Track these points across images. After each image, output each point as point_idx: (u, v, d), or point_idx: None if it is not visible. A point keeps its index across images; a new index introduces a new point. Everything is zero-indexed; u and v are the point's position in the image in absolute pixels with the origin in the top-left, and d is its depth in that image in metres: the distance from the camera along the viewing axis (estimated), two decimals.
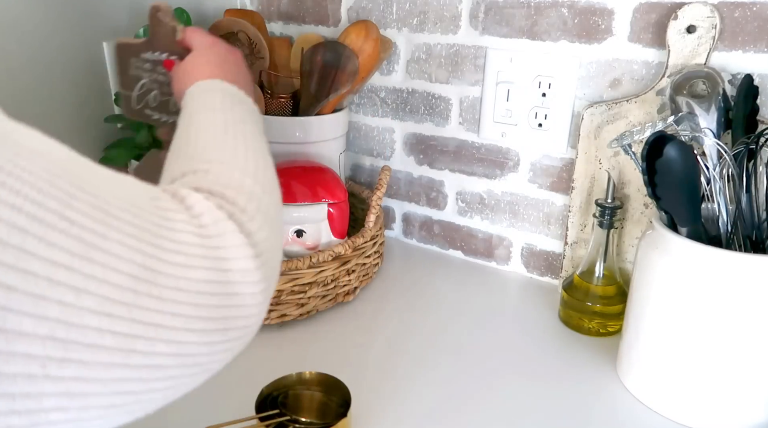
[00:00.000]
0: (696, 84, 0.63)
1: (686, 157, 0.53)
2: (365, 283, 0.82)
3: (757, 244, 0.56)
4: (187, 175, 0.35)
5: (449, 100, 0.86)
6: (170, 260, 0.27)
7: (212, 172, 0.35)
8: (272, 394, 0.54)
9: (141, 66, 0.64)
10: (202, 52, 0.55)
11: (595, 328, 0.72)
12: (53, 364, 0.22)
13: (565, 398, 0.61)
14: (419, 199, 0.95)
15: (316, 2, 0.93)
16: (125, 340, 0.25)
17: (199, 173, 0.35)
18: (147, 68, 0.64)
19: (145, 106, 0.66)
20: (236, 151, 0.38)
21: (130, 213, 0.26)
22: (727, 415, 0.56)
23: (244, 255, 0.30)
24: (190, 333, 0.27)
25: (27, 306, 0.21)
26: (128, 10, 0.83)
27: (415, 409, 0.59)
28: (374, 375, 0.64)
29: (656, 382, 0.59)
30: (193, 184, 0.33)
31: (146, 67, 0.64)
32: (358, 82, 0.82)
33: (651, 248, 0.58)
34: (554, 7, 0.74)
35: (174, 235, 0.28)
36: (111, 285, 0.24)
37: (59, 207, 0.22)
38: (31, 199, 0.21)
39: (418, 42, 0.86)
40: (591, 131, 0.74)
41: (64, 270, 0.22)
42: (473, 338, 0.71)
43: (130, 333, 0.25)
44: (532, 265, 0.87)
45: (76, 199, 0.23)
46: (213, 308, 0.29)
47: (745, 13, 0.63)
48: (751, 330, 0.52)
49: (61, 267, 0.22)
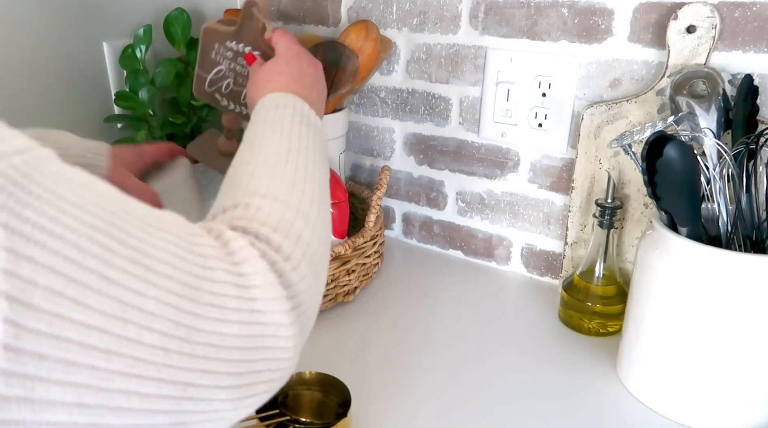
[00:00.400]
0: (696, 84, 0.63)
1: (686, 157, 0.53)
2: (365, 283, 0.82)
3: (757, 244, 0.56)
4: (238, 208, 0.33)
5: (449, 100, 0.86)
6: (205, 314, 0.26)
7: (263, 210, 0.33)
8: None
9: (223, 53, 0.67)
10: (285, 59, 0.54)
11: (595, 328, 0.72)
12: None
13: (565, 398, 0.61)
14: (419, 199, 0.95)
15: (316, 2, 0.93)
16: (152, 401, 0.24)
17: (251, 209, 0.33)
18: (228, 56, 0.67)
19: (216, 91, 0.69)
20: (293, 186, 0.36)
21: (170, 265, 0.25)
22: (727, 415, 0.56)
23: (280, 310, 0.29)
24: (218, 391, 0.27)
25: (58, 374, 0.20)
26: (128, 10, 0.83)
27: (415, 409, 0.59)
28: (374, 375, 0.64)
29: (656, 382, 0.59)
30: (241, 221, 0.32)
31: (228, 55, 0.67)
32: (358, 82, 0.82)
33: (651, 248, 0.58)
34: (554, 7, 0.74)
35: (212, 287, 0.27)
36: (143, 345, 0.23)
37: (98, 266, 0.22)
38: (71, 259, 0.20)
39: (418, 42, 0.86)
40: (591, 131, 0.74)
41: (97, 333, 0.21)
42: (473, 338, 0.71)
43: (157, 394, 0.24)
44: (532, 265, 0.87)
45: (116, 255, 0.22)
46: (243, 363, 0.28)
47: (745, 13, 0.63)
48: (751, 330, 0.52)
49: (94, 330, 0.21)
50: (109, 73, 0.82)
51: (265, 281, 0.29)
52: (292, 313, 0.30)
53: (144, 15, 0.85)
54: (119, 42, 0.81)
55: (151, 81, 0.80)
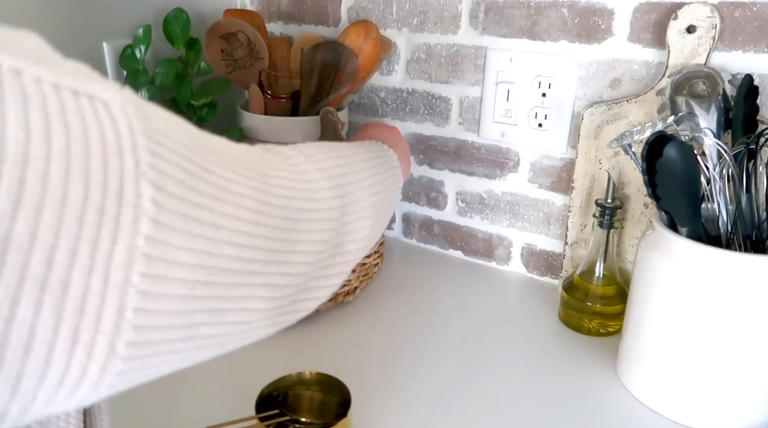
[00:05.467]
0: (696, 84, 0.63)
1: (686, 157, 0.53)
2: (365, 283, 0.82)
3: (757, 244, 0.56)
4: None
5: (449, 100, 0.86)
6: (278, 193, 0.33)
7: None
8: (272, 394, 0.54)
9: None
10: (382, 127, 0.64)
11: (595, 328, 0.72)
12: (199, 286, 0.27)
13: (565, 398, 0.61)
14: (419, 199, 0.95)
15: (316, 2, 0.93)
16: (248, 264, 0.30)
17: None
18: None
19: None
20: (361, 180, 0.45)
21: (244, 160, 0.32)
22: (727, 415, 0.56)
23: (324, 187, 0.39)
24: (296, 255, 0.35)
25: (183, 242, 0.26)
26: (128, 10, 0.83)
27: (415, 409, 0.59)
28: (374, 375, 0.64)
29: (656, 382, 0.59)
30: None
31: None
32: (358, 82, 0.82)
33: (651, 248, 0.58)
34: (554, 7, 0.74)
35: (278, 174, 0.35)
36: (239, 219, 0.29)
37: (201, 160, 0.28)
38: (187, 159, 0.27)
39: (418, 42, 0.86)
40: (591, 131, 0.74)
41: (206, 211, 0.27)
42: (473, 338, 0.71)
43: (251, 258, 0.30)
44: (532, 265, 0.87)
45: (209, 154, 0.29)
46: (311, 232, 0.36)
47: (745, 13, 0.63)
48: (751, 330, 0.52)
49: (204, 208, 0.27)
50: (108, 72, 0.82)
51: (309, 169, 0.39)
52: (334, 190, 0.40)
53: (144, 15, 0.85)
54: (119, 42, 0.80)
55: (150, 81, 0.80)
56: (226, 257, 0.29)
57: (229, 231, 0.29)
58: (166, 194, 0.25)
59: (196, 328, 0.28)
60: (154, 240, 0.24)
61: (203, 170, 0.28)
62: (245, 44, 0.82)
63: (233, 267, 0.29)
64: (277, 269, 0.33)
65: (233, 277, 0.29)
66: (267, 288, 0.32)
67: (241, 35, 0.82)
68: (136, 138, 0.24)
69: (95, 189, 0.22)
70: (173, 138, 0.27)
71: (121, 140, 0.24)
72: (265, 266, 0.32)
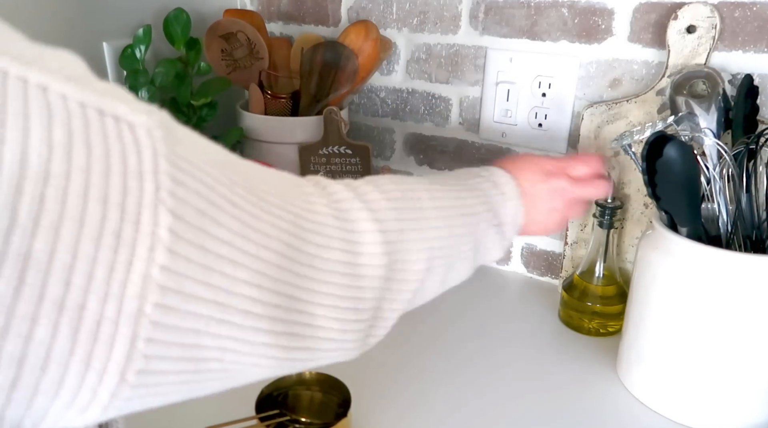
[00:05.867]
0: (696, 84, 0.63)
1: (686, 157, 0.53)
2: None
3: (757, 244, 0.56)
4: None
5: (449, 100, 0.86)
6: (310, 240, 0.31)
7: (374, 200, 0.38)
8: (272, 394, 0.54)
9: (318, 161, 0.80)
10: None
11: (595, 328, 0.72)
12: (213, 323, 0.26)
13: (565, 398, 0.61)
14: None
15: (316, 2, 0.93)
16: (269, 309, 0.28)
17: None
18: (322, 162, 0.80)
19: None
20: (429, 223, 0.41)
21: (277, 197, 0.30)
22: (727, 415, 0.56)
23: (373, 241, 0.35)
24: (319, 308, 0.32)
25: (199, 275, 0.25)
26: (128, 10, 0.83)
27: (415, 409, 0.59)
28: (374, 375, 0.64)
29: (656, 382, 0.59)
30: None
31: (322, 160, 0.80)
32: (358, 82, 0.82)
33: (651, 248, 0.58)
34: (554, 7, 0.74)
35: (315, 217, 0.32)
36: (261, 260, 0.28)
37: (227, 192, 0.27)
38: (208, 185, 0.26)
39: (418, 42, 0.86)
40: (591, 131, 0.74)
41: (227, 246, 0.26)
42: (473, 338, 0.71)
43: (272, 302, 0.29)
44: (532, 265, 0.87)
45: (237, 185, 0.28)
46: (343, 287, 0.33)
47: (745, 13, 0.63)
48: (751, 330, 0.52)
49: (225, 243, 0.26)
50: (108, 73, 0.82)
51: (359, 216, 0.35)
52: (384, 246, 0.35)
53: (144, 15, 0.84)
54: (119, 42, 0.80)
55: (150, 81, 0.80)
56: (246, 298, 0.27)
57: (250, 271, 0.27)
58: (184, 223, 0.24)
59: (206, 363, 0.27)
60: (170, 270, 0.23)
61: (227, 202, 0.27)
62: (245, 44, 0.82)
63: (253, 311, 0.28)
64: (299, 318, 0.31)
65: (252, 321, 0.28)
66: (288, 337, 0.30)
67: (241, 35, 0.82)
68: (158, 162, 0.23)
69: (113, 212, 0.22)
70: (199, 165, 0.26)
71: (143, 164, 0.23)
72: (288, 313, 0.30)
